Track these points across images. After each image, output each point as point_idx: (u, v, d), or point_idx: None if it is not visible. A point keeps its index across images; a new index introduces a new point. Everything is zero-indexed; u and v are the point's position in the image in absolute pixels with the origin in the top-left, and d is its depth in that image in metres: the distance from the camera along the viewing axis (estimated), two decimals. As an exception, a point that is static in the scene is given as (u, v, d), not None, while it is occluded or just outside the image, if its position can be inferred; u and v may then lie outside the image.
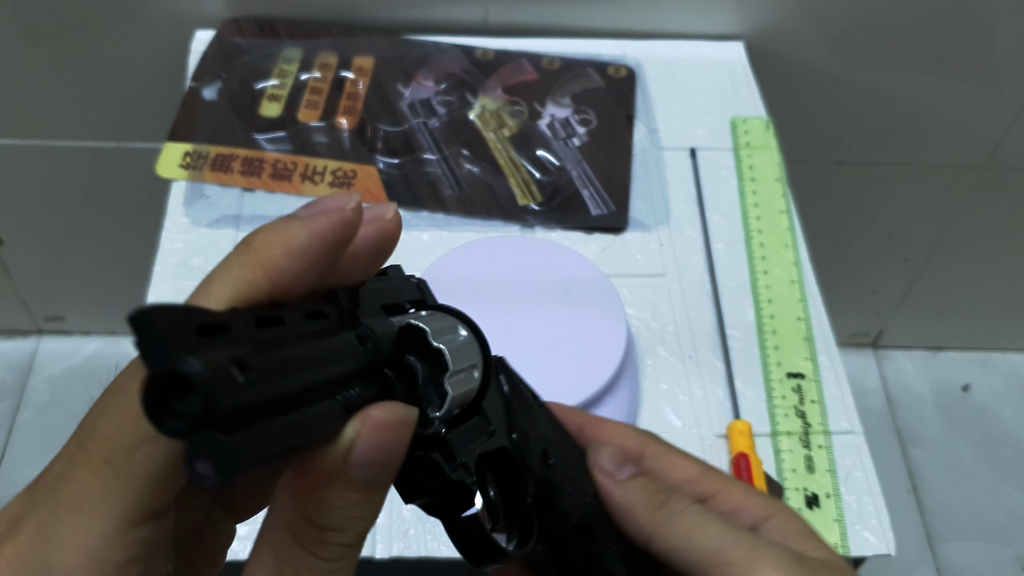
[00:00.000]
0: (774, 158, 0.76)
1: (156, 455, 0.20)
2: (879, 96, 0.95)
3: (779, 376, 0.64)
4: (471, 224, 0.71)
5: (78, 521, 0.20)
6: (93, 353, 1.30)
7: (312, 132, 0.75)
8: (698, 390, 0.63)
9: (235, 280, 0.21)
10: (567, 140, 0.76)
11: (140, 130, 0.97)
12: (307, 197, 0.72)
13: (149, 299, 0.66)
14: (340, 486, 0.21)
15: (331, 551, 0.21)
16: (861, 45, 0.90)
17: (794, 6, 0.86)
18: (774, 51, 0.88)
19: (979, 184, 1.06)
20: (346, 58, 0.80)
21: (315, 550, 0.21)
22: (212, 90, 0.78)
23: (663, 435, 0.60)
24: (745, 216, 0.73)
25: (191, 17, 0.84)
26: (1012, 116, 0.97)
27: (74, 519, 0.20)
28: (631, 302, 0.67)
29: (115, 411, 0.21)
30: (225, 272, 0.21)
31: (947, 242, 1.15)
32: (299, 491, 0.21)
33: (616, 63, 0.82)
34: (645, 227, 0.72)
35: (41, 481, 0.22)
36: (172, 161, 0.73)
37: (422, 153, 0.74)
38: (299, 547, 0.21)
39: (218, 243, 0.69)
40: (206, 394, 0.17)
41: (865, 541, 0.57)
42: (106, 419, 0.21)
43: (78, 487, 0.20)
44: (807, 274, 0.69)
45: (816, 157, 1.01)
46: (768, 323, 0.66)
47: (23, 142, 0.99)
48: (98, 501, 0.20)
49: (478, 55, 0.82)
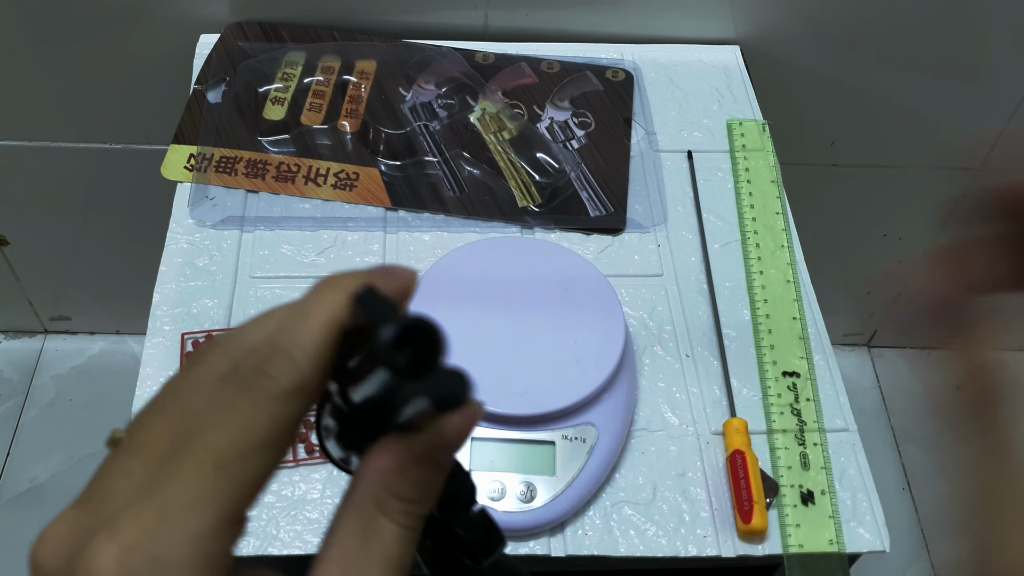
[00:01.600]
0: (769, 160, 0.77)
1: (259, 464, 0.23)
2: (873, 99, 0.95)
3: (775, 375, 0.64)
4: (471, 225, 0.72)
5: (190, 518, 0.22)
6: (99, 353, 1.31)
7: (315, 135, 0.76)
8: (695, 388, 0.64)
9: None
10: (566, 143, 0.77)
11: (146, 132, 0.97)
12: (310, 199, 0.72)
13: (155, 298, 0.67)
14: (426, 465, 0.24)
15: (410, 519, 0.24)
16: (855, 49, 0.90)
17: (788, 12, 0.86)
18: (769, 55, 0.89)
19: (973, 185, 1.06)
20: (349, 62, 0.81)
21: (397, 518, 0.24)
22: (217, 93, 0.78)
23: (660, 433, 0.61)
24: (741, 217, 0.73)
25: (196, 21, 0.84)
26: (1006, 118, 0.97)
27: (186, 516, 0.22)
28: (629, 302, 0.68)
29: (226, 422, 0.23)
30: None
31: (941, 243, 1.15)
32: (390, 470, 0.24)
33: (614, 67, 0.83)
34: (643, 228, 0.72)
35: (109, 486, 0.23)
36: (177, 163, 0.74)
37: (423, 155, 0.75)
38: (382, 515, 0.24)
39: (223, 244, 0.70)
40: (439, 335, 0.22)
41: (860, 538, 0.58)
42: (216, 429, 0.22)
43: (188, 489, 0.22)
44: (802, 274, 0.70)
45: (811, 159, 1.01)
46: (764, 322, 0.67)
47: (30, 144, 0.99)
48: (209, 501, 0.22)
49: (478, 59, 0.83)
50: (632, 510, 0.58)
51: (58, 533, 0.23)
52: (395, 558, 0.24)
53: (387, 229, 0.71)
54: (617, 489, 0.59)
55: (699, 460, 0.60)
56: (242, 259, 0.69)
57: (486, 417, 0.57)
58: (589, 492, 0.57)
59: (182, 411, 0.23)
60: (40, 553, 0.23)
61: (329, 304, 0.24)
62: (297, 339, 0.23)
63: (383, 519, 0.24)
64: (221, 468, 0.22)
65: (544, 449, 0.57)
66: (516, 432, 0.57)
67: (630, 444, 0.61)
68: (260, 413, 0.23)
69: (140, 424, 0.24)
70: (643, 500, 0.59)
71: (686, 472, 0.60)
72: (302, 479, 0.58)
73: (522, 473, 0.56)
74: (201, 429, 0.23)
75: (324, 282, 0.25)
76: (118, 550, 0.21)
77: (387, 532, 0.24)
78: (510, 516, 0.55)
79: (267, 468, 0.23)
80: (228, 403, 0.23)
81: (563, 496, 0.56)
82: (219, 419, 0.23)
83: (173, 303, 0.67)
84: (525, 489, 0.56)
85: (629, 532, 0.57)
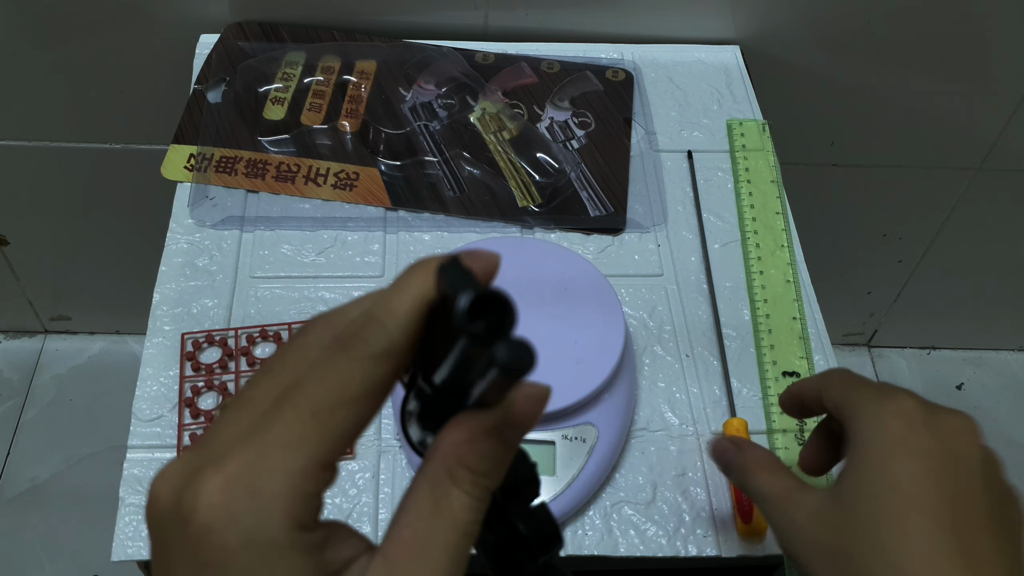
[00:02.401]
0: (769, 160, 0.77)
1: (350, 416, 0.25)
2: (873, 99, 0.95)
3: (774, 375, 0.64)
4: (471, 225, 0.72)
5: (287, 456, 0.24)
6: (99, 353, 1.31)
7: (315, 135, 0.76)
8: (695, 388, 0.64)
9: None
10: (566, 143, 0.77)
11: (146, 132, 0.98)
12: (310, 199, 0.72)
13: (155, 298, 0.67)
14: (494, 440, 0.26)
15: (477, 490, 0.26)
16: (855, 49, 0.90)
17: (788, 12, 0.86)
18: (769, 55, 0.89)
19: (973, 186, 1.06)
20: (349, 62, 0.81)
21: (466, 488, 0.26)
22: (217, 93, 0.78)
23: (660, 433, 0.61)
24: (741, 217, 0.74)
25: (196, 21, 0.84)
26: (1006, 118, 0.97)
27: (284, 455, 0.24)
28: (629, 302, 0.68)
29: (324, 376, 0.25)
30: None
31: (941, 243, 1.15)
32: (462, 442, 0.26)
33: (614, 67, 0.83)
34: (643, 228, 0.72)
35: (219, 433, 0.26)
36: (177, 163, 0.74)
37: (423, 155, 0.75)
38: (452, 483, 0.26)
39: (223, 244, 0.70)
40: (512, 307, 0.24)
41: (858, 536, 0.58)
42: (315, 382, 0.25)
43: (287, 431, 0.25)
44: (802, 274, 0.70)
45: (811, 159, 1.01)
46: (764, 322, 0.67)
47: (30, 144, 0.99)
48: (304, 443, 0.25)
49: (478, 59, 0.83)
50: (632, 510, 0.58)
51: (173, 470, 0.25)
52: (462, 524, 0.26)
53: (387, 229, 0.71)
54: (617, 489, 0.59)
55: (699, 460, 0.60)
56: (242, 259, 0.69)
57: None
58: (589, 492, 0.57)
59: (287, 371, 0.26)
60: (156, 487, 0.25)
61: (418, 281, 0.26)
62: (389, 310, 0.26)
63: (453, 487, 0.26)
64: (316, 416, 0.25)
65: (544, 449, 0.57)
66: (516, 432, 0.57)
67: (630, 444, 0.61)
68: (354, 370, 0.25)
69: (250, 384, 0.27)
70: (643, 500, 0.59)
71: (686, 472, 0.60)
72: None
73: (522, 473, 0.56)
74: (302, 384, 0.25)
75: (415, 264, 0.27)
76: (222, 480, 0.24)
77: (456, 499, 0.26)
78: (510, 516, 0.55)
79: (358, 421, 0.26)
80: (327, 362, 0.26)
81: (563, 496, 0.56)
82: (318, 374, 0.25)
83: (173, 303, 0.66)
84: (525, 489, 0.56)
85: (629, 532, 0.57)
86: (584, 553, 0.56)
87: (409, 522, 0.26)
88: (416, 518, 0.26)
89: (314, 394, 0.25)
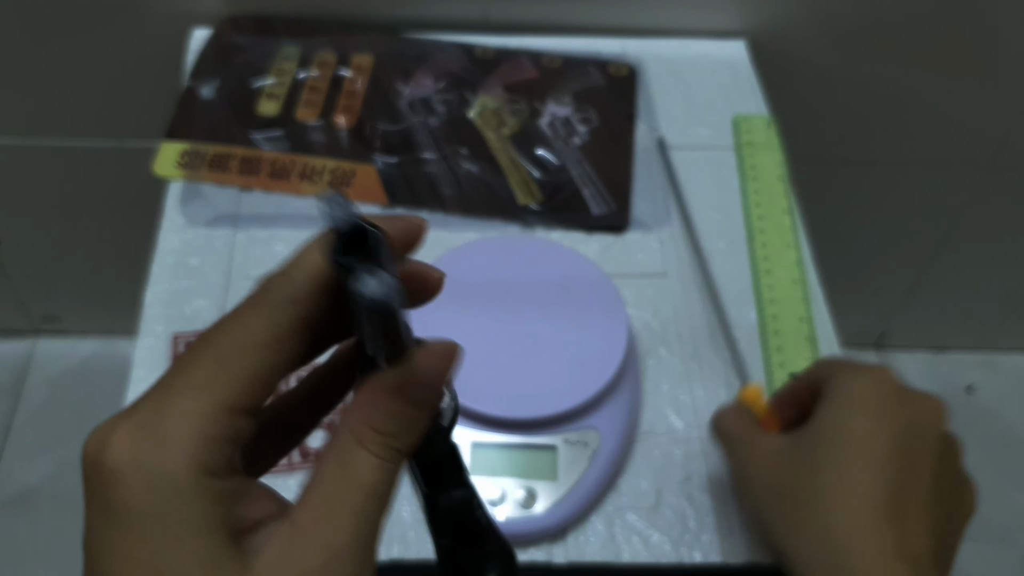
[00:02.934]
0: (776, 157, 0.76)
1: (255, 361, 0.26)
2: (882, 95, 0.94)
3: (782, 377, 0.63)
4: (471, 224, 0.70)
5: (188, 400, 0.25)
6: (90, 354, 1.30)
7: (310, 131, 0.75)
8: (700, 391, 0.63)
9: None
10: (567, 139, 0.76)
11: (137, 128, 0.96)
12: (306, 196, 0.71)
13: (147, 299, 0.65)
14: (400, 400, 0.27)
15: (385, 452, 0.27)
16: (865, 43, 0.89)
17: (797, 4, 0.85)
18: (777, 49, 0.88)
19: (983, 183, 1.05)
20: (345, 56, 0.80)
21: (372, 448, 0.26)
22: (209, 88, 0.77)
23: (664, 437, 0.60)
24: (747, 215, 0.72)
25: (188, 15, 0.83)
26: (1016, 115, 0.97)
27: (184, 399, 0.25)
28: (632, 302, 0.67)
29: (229, 327, 0.27)
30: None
31: (951, 242, 1.14)
32: (367, 402, 0.27)
33: (617, 61, 0.82)
34: (646, 226, 0.71)
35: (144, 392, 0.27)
36: (169, 160, 0.73)
37: (421, 152, 0.74)
38: (358, 445, 0.26)
39: (215, 243, 0.69)
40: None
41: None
42: (221, 332, 0.26)
43: (190, 377, 0.26)
44: (810, 274, 0.69)
45: (819, 156, 1.00)
46: (771, 323, 0.66)
47: (18, 141, 0.98)
48: (205, 387, 0.25)
49: (478, 53, 0.82)
50: (636, 516, 0.57)
51: (101, 427, 0.26)
52: (369, 485, 0.26)
53: (384, 227, 0.70)
54: (620, 494, 0.58)
55: (704, 464, 0.59)
56: (235, 258, 0.68)
57: (486, 421, 0.56)
58: (592, 498, 0.56)
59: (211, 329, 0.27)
60: (85, 445, 0.26)
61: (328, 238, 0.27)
62: (298, 262, 0.27)
63: (358, 448, 0.26)
64: (221, 361, 0.26)
65: (546, 454, 0.56)
66: (517, 436, 0.56)
67: (634, 448, 0.60)
68: (258, 315, 0.26)
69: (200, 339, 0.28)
70: (647, 506, 0.57)
71: (691, 477, 0.59)
72: (297, 484, 0.57)
73: (523, 478, 0.55)
74: (211, 335, 0.27)
75: None
76: (130, 425, 0.25)
77: (362, 460, 0.26)
78: (510, 522, 0.54)
79: (266, 366, 0.26)
80: (235, 313, 0.27)
81: (565, 502, 0.55)
82: (226, 325, 0.27)
83: (165, 303, 0.65)
84: (526, 495, 0.55)
85: (633, 538, 0.56)
86: (586, 560, 0.55)
87: (314, 485, 0.27)
88: (321, 481, 0.27)
89: (219, 342, 0.26)
